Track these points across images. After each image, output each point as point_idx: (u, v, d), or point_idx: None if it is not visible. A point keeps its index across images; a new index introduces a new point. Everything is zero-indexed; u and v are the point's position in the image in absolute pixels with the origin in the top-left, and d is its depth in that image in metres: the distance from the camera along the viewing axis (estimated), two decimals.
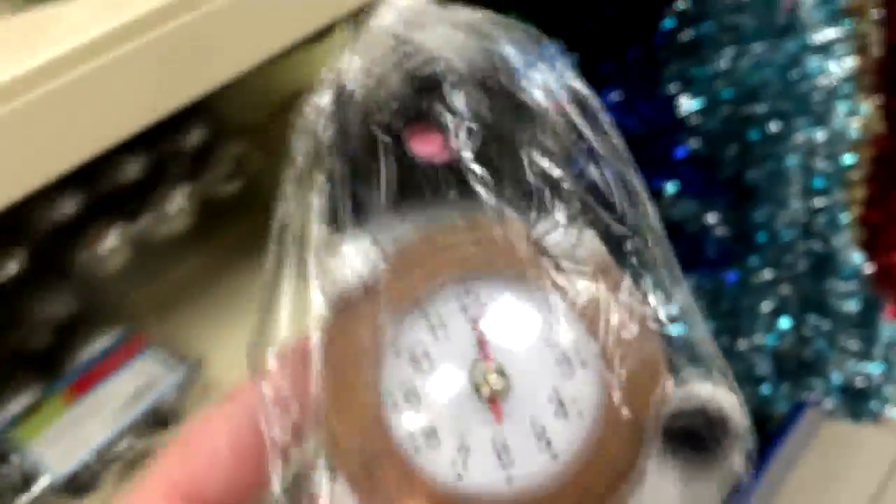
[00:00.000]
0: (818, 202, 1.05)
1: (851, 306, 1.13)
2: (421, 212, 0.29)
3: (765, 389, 1.15)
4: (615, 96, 1.01)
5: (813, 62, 0.99)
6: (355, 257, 0.28)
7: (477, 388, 0.27)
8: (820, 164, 1.04)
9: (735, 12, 0.97)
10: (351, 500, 0.27)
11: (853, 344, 1.16)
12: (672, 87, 1.00)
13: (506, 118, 0.28)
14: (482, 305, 0.28)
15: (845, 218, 1.10)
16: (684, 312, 0.29)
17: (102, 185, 0.70)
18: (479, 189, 0.28)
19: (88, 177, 0.70)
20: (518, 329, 0.28)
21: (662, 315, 0.28)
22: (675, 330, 0.29)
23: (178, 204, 0.69)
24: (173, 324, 0.65)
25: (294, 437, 0.28)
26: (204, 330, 0.66)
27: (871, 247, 1.23)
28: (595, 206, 0.28)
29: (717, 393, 0.27)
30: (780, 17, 0.98)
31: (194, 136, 0.73)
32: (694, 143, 1.01)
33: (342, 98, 0.29)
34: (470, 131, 0.27)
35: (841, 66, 1.00)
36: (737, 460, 0.28)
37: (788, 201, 1.03)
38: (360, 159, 0.28)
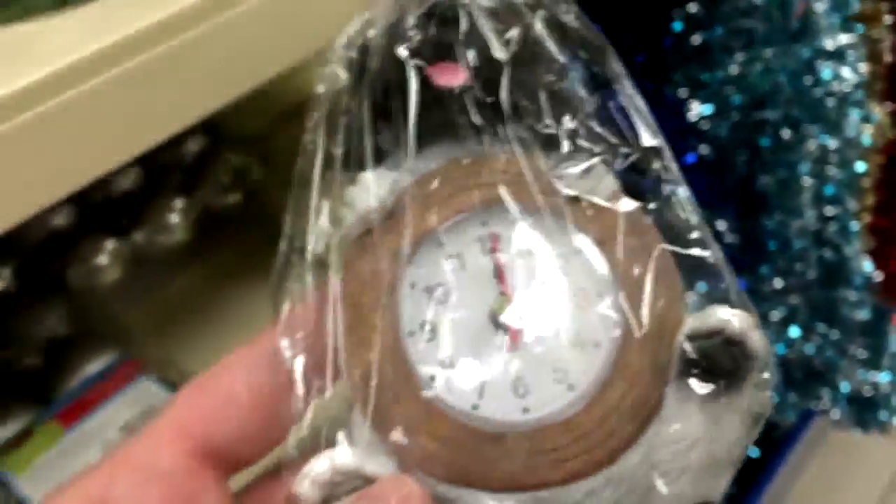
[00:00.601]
0: (829, 210, 1.04)
1: (861, 315, 1.12)
2: (441, 151, 0.29)
3: (773, 397, 1.14)
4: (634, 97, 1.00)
5: (825, 68, 0.97)
6: (377, 184, 0.28)
7: (494, 320, 0.28)
8: (832, 171, 1.03)
9: (746, 17, 0.95)
10: (370, 435, 0.27)
11: (862, 353, 1.15)
12: (681, 92, 0.99)
13: (525, 55, 0.29)
14: (500, 238, 0.28)
15: (856, 226, 1.09)
16: (700, 237, 0.31)
17: (96, 197, 0.68)
18: (498, 124, 0.29)
19: (81, 189, 0.68)
20: (535, 261, 0.28)
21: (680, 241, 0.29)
22: (691, 255, 0.30)
23: (174, 217, 0.68)
24: (170, 342, 0.63)
25: (314, 381, 0.28)
26: (202, 349, 0.64)
27: (880, 255, 1.22)
28: (609, 138, 0.29)
29: (734, 314, 0.28)
30: (792, 23, 0.97)
31: (191, 147, 0.72)
32: (703, 149, 1.00)
33: (365, 40, 0.29)
34: (491, 65, 0.28)
35: (854, 73, 0.99)
36: (758, 385, 0.28)
37: (800, 209, 1.02)
38: (382, 103, 0.29)
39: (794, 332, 1.09)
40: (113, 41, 0.36)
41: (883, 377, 1.16)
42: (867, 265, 1.09)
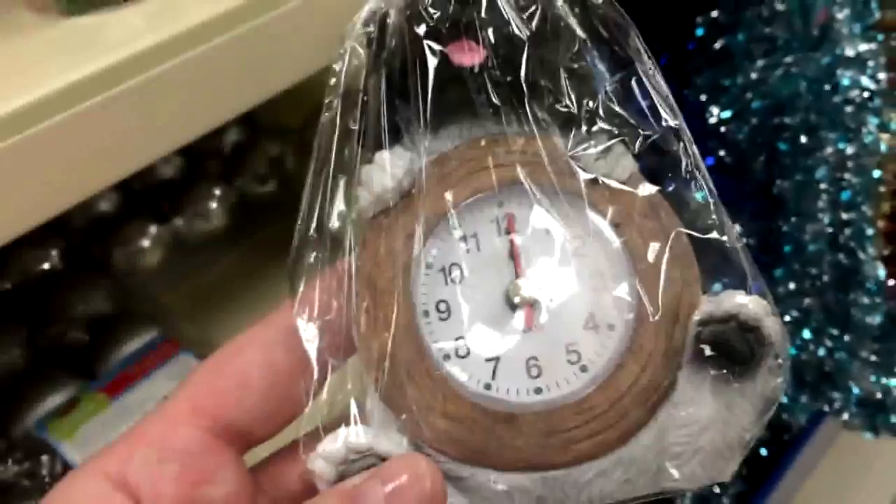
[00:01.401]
0: (845, 215, 1.05)
1: (874, 320, 1.13)
2: (458, 129, 0.29)
3: (784, 399, 1.15)
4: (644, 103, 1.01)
5: (844, 76, 0.98)
6: (393, 164, 0.28)
7: (509, 300, 0.27)
8: (848, 177, 1.04)
9: (768, 24, 0.96)
10: (383, 413, 0.27)
11: (874, 357, 1.16)
12: (702, 96, 1.00)
13: (546, 32, 0.28)
14: (515, 219, 0.28)
15: (871, 231, 1.10)
16: (717, 222, 0.30)
17: (139, 185, 0.71)
18: (516, 103, 0.28)
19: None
20: (551, 242, 0.28)
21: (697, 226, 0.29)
22: (708, 239, 0.29)
23: (213, 204, 0.70)
24: (207, 323, 0.65)
25: (329, 359, 0.28)
26: (237, 330, 0.66)
27: (893, 260, 1.22)
28: (629, 119, 0.29)
29: (749, 300, 0.27)
30: (813, 30, 0.98)
31: (230, 138, 0.74)
32: (722, 153, 1.01)
33: (383, 17, 0.28)
34: (510, 43, 0.27)
35: (872, 81, 1.00)
36: (773, 371, 0.27)
37: (815, 213, 1.03)
38: (400, 80, 0.28)
39: (807, 334, 1.10)
40: (170, 35, 0.38)
41: (895, 381, 1.17)
42: (881, 270, 1.10)
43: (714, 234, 0.29)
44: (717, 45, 0.97)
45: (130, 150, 0.39)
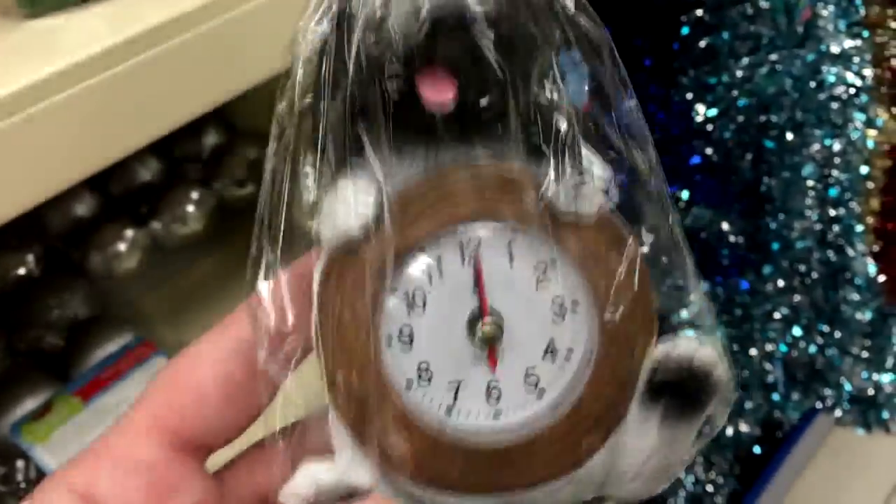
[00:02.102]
0: (833, 212, 1.05)
1: (864, 316, 1.13)
2: (424, 154, 0.28)
3: (776, 397, 1.15)
4: (630, 103, 1.01)
5: (830, 72, 0.98)
6: (359, 200, 0.27)
7: (471, 328, 0.27)
8: (835, 174, 1.04)
9: (752, 22, 0.96)
10: (349, 441, 0.27)
11: (865, 353, 1.16)
12: (688, 95, 1.00)
13: (517, 65, 0.27)
14: (481, 251, 0.28)
15: (860, 228, 1.10)
16: (677, 263, 0.30)
17: (117, 188, 0.71)
18: (488, 137, 0.27)
19: (103, 179, 0.71)
20: (515, 274, 0.28)
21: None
22: (666, 279, 0.29)
23: (191, 208, 0.70)
24: (184, 327, 0.66)
25: (286, 368, 0.28)
26: None
27: (884, 257, 1.23)
28: (601, 150, 0.28)
29: (702, 347, 0.28)
30: (798, 27, 0.98)
31: (208, 141, 0.74)
32: (709, 151, 1.01)
33: (343, 26, 0.27)
34: (483, 79, 0.26)
35: (858, 77, 1.00)
36: (717, 411, 0.28)
37: (804, 211, 1.03)
38: (363, 95, 0.27)
39: (797, 331, 1.10)
40: (133, 33, 0.38)
41: (886, 377, 1.17)
42: (871, 267, 1.10)
43: (678, 275, 0.30)
44: (702, 44, 0.97)
45: (90, 150, 0.39)
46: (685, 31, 0.98)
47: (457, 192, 0.27)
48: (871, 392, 1.17)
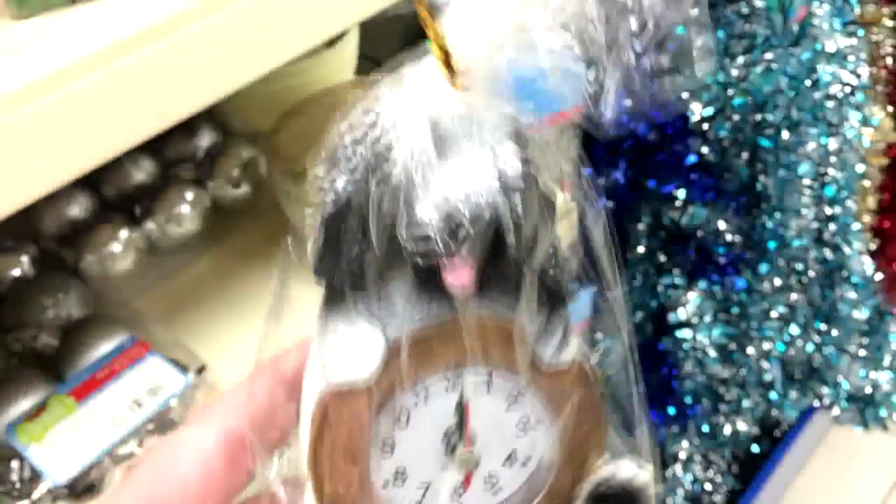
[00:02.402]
0: (829, 210, 1.05)
1: (861, 314, 1.13)
2: (407, 285, 0.28)
3: (773, 395, 1.15)
4: (625, 102, 1.01)
5: (826, 71, 0.98)
6: (367, 353, 0.28)
7: (448, 444, 0.30)
8: (832, 172, 1.04)
9: (747, 20, 0.96)
10: None
11: (862, 352, 1.16)
12: (683, 94, 1.00)
13: (526, 250, 0.28)
14: (466, 385, 0.30)
15: (856, 226, 1.10)
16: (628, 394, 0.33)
17: (111, 188, 0.71)
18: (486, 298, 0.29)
19: (97, 179, 0.71)
20: (490, 399, 0.30)
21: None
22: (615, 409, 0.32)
23: (185, 208, 0.70)
24: (179, 327, 0.66)
25: (266, 463, 0.30)
26: (209, 334, 0.66)
27: (881, 255, 1.23)
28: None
29: (637, 473, 0.31)
30: (793, 26, 0.98)
31: (203, 142, 0.74)
32: (705, 150, 1.01)
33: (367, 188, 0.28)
34: (499, 265, 0.28)
35: (854, 76, 1.00)
36: None
37: (800, 209, 1.03)
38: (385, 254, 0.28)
39: (795, 330, 1.10)
40: (123, 34, 0.38)
41: (883, 375, 1.17)
42: (868, 265, 1.10)
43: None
44: None
45: (81, 150, 0.39)
46: (681, 30, 0.98)
47: (452, 342, 0.29)
48: (868, 390, 1.17)
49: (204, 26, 0.41)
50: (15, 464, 0.56)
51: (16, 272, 0.65)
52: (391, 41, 0.83)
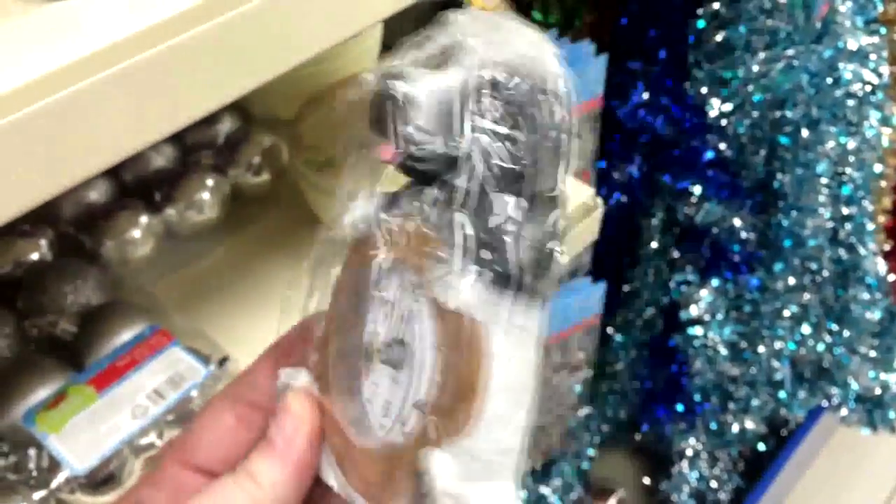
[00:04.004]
0: (845, 210, 1.05)
1: (873, 315, 1.13)
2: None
3: (782, 394, 1.15)
4: (643, 96, 1.01)
5: (847, 69, 0.98)
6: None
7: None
8: (849, 171, 1.03)
9: (769, 16, 0.95)
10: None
11: (873, 353, 1.16)
12: (702, 89, 0.99)
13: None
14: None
15: (871, 226, 1.09)
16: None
17: (131, 174, 0.70)
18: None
19: (118, 165, 0.70)
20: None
21: None
22: None
23: (206, 195, 0.69)
24: (196, 315, 0.65)
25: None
26: (230, 322, 0.65)
27: (894, 257, 1.22)
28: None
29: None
30: (816, 23, 0.97)
31: (223, 128, 0.73)
32: (722, 147, 1.00)
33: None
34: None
35: (875, 74, 0.99)
36: None
37: (816, 209, 1.02)
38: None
39: (806, 329, 1.10)
40: (157, 20, 0.37)
41: (893, 377, 1.16)
42: (882, 266, 1.10)
43: None
44: (718, 38, 0.96)
45: (117, 138, 0.38)
46: (701, 24, 0.97)
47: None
48: (877, 391, 1.16)
49: (232, 17, 0.40)
50: (32, 452, 0.55)
51: (34, 256, 0.64)
52: (411, 30, 0.82)
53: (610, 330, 1.11)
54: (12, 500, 0.54)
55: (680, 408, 1.15)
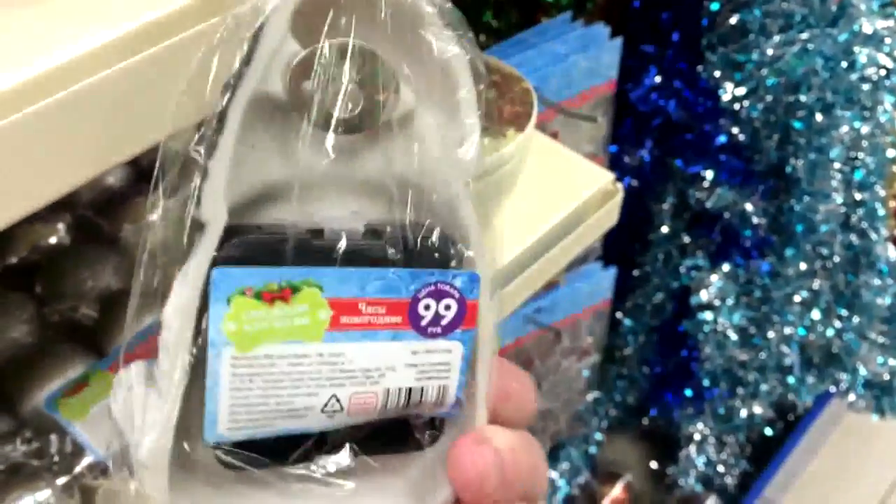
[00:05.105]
0: (858, 195, 1.04)
1: (884, 301, 1.12)
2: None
3: (791, 380, 1.15)
4: (656, 79, 1.00)
5: (862, 53, 0.97)
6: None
7: None
8: (862, 156, 1.03)
9: None
10: None
11: (882, 339, 1.15)
12: (715, 73, 0.98)
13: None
14: None
15: (883, 212, 1.09)
16: None
17: (149, 158, 0.69)
18: None
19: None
20: None
21: None
22: None
23: None
24: None
25: None
26: None
27: None
28: None
29: None
30: (831, 6, 0.96)
31: None
32: (735, 131, 1.00)
33: None
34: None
35: (890, 58, 0.98)
36: None
37: (829, 193, 1.02)
38: None
39: (816, 315, 1.10)
40: (179, 5, 0.36)
41: None
42: (893, 252, 1.09)
43: None
44: (732, 21, 0.95)
45: (126, 135, 0.37)
46: (715, 6, 0.96)
47: None
48: (886, 377, 1.16)
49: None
50: (54, 438, 0.54)
51: (52, 240, 0.64)
52: None
53: (620, 315, 1.11)
54: (35, 485, 0.53)
55: (689, 392, 1.14)
